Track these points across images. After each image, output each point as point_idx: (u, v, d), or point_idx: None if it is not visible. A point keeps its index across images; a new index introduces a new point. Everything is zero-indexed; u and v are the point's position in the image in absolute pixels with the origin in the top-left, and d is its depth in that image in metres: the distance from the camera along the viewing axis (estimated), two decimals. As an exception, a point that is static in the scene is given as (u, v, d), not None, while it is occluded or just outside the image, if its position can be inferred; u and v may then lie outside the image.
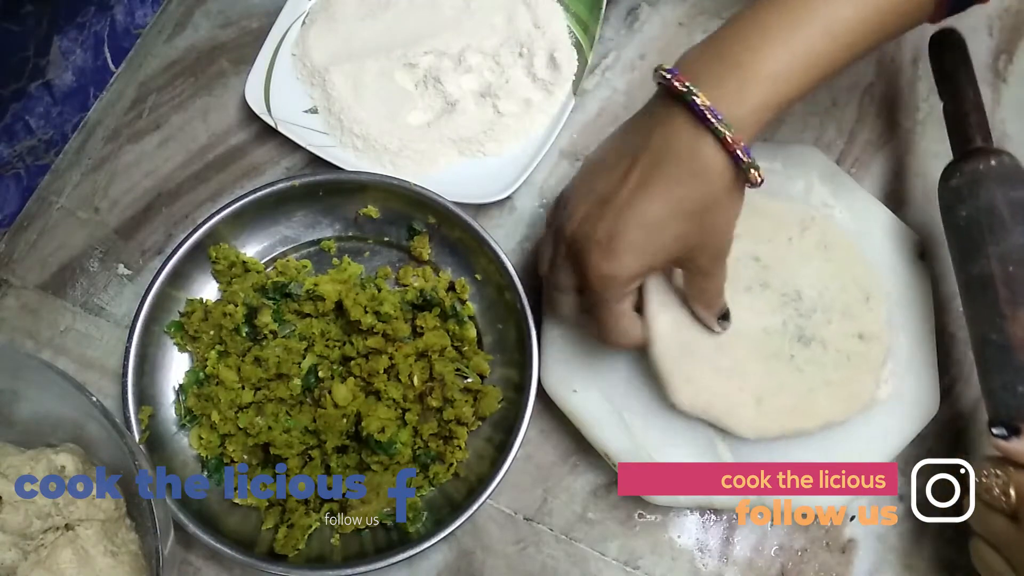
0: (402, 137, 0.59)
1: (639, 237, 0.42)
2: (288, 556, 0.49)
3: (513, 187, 0.57)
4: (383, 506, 0.51)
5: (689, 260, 0.44)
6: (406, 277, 0.57)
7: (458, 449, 0.52)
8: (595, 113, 0.62)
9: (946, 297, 0.56)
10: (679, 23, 0.65)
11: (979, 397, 0.54)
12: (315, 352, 0.54)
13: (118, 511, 0.47)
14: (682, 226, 0.42)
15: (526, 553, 0.53)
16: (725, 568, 0.52)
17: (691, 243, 0.43)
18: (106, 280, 0.59)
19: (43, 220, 0.61)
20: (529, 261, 0.58)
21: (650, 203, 0.42)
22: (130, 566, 0.45)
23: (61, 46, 0.59)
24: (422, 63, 0.61)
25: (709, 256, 0.45)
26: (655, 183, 0.41)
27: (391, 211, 0.56)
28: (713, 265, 0.45)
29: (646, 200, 0.42)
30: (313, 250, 0.58)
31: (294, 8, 0.63)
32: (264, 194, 0.54)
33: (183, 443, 0.53)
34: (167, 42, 0.66)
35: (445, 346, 0.54)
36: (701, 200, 0.41)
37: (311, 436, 0.52)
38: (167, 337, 0.54)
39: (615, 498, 0.53)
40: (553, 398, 0.52)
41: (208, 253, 0.55)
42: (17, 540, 0.45)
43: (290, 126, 0.59)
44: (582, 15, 0.62)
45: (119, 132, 0.63)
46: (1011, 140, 0.60)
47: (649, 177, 0.42)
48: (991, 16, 0.65)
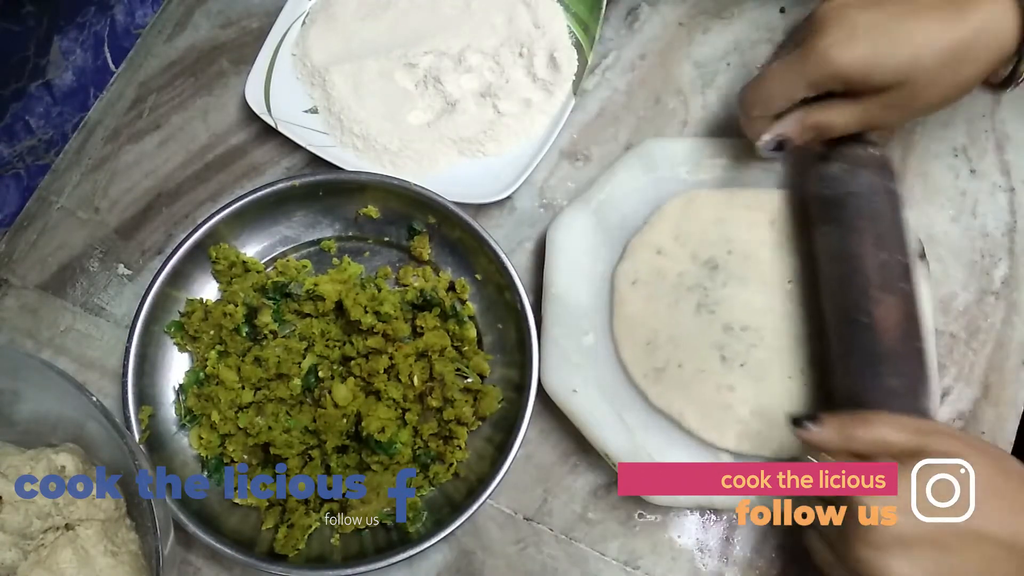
0: (402, 137, 0.59)
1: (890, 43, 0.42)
2: (288, 556, 0.49)
3: (513, 187, 0.57)
4: (383, 506, 0.51)
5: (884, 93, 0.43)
6: (406, 277, 0.57)
7: (458, 449, 0.52)
8: (595, 113, 0.62)
9: (946, 297, 0.56)
10: (679, 23, 0.65)
11: (979, 397, 0.54)
12: (315, 352, 0.54)
13: (118, 511, 0.47)
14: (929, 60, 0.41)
15: (526, 553, 0.53)
16: (725, 568, 0.52)
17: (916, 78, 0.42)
18: (106, 280, 0.59)
19: (43, 220, 0.61)
20: (529, 261, 0.58)
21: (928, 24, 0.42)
22: (130, 566, 0.45)
23: (61, 46, 0.59)
24: (422, 63, 0.61)
25: (903, 103, 0.43)
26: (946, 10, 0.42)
27: (391, 211, 0.56)
28: (890, 112, 0.44)
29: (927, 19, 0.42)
30: (313, 250, 0.58)
31: (294, 8, 0.63)
32: (264, 194, 0.54)
33: (183, 443, 0.53)
34: (167, 42, 0.66)
35: (445, 346, 0.54)
36: (967, 50, 0.41)
37: (311, 436, 0.52)
38: (167, 337, 0.54)
39: (615, 498, 0.53)
40: (553, 398, 0.52)
41: (208, 253, 0.55)
42: (17, 540, 0.45)
43: (290, 126, 0.59)
44: (582, 15, 0.62)
45: (119, 132, 0.63)
46: (1011, 140, 0.60)
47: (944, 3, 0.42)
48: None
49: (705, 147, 0.57)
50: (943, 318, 0.55)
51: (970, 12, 0.41)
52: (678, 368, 0.51)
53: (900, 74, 0.42)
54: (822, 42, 0.43)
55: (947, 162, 0.60)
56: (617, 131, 0.62)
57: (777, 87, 0.47)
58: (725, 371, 0.51)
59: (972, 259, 0.57)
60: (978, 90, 0.58)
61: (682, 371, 0.51)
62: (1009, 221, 0.58)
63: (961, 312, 0.56)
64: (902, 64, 0.42)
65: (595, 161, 0.61)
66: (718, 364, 0.51)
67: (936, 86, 0.43)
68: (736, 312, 0.52)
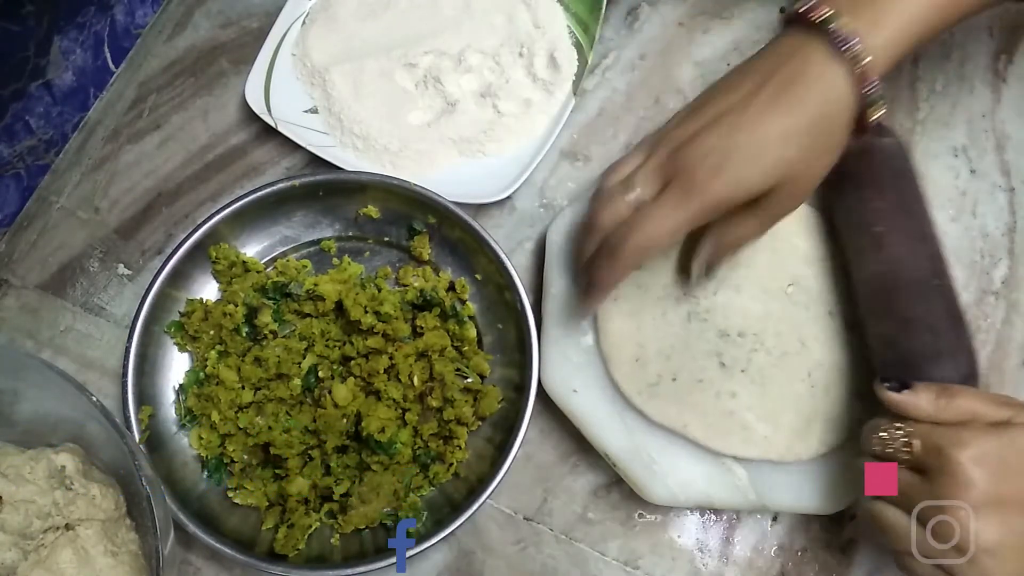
0: (402, 137, 0.59)
1: (749, 158, 0.41)
2: (288, 556, 0.49)
3: (513, 187, 0.57)
4: (383, 506, 0.51)
5: (771, 193, 0.43)
6: (406, 277, 0.57)
7: (458, 449, 0.52)
8: (595, 113, 0.62)
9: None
10: (679, 23, 0.65)
11: (979, 397, 0.54)
12: (315, 352, 0.54)
13: (118, 511, 0.47)
14: (793, 152, 0.41)
15: (526, 553, 0.53)
16: (725, 568, 0.52)
17: (791, 172, 0.42)
18: (106, 280, 0.59)
19: (43, 220, 0.61)
20: (529, 261, 0.58)
21: (774, 122, 0.41)
22: (130, 566, 0.45)
23: (61, 46, 0.59)
24: (422, 63, 0.61)
25: (792, 194, 0.43)
26: (782, 104, 0.41)
27: (391, 211, 0.56)
28: (786, 205, 0.44)
29: (771, 118, 0.41)
30: (313, 250, 0.58)
31: (294, 8, 0.63)
32: (264, 194, 0.54)
33: (183, 443, 0.53)
34: (167, 42, 0.66)
35: (445, 346, 0.54)
36: (819, 127, 0.41)
37: (311, 436, 0.52)
38: (167, 337, 0.54)
39: (615, 498, 0.53)
40: (553, 398, 0.52)
41: (208, 253, 0.55)
42: (17, 540, 0.45)
43: (290, 126, 0.59)
44: (582, 15, 0.62)
45: (119, 132, 0.63)
46: (1011, 140, 0.60)
47: (777, 98, 0.42)
48: (991, 16, 0.65)
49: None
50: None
51: (805, 94, 0.41)
52: (672, 382, 0.50)
53: (773, 177, 0.42)
54: (690, 182, 0.42)
55: (947, 162, 0.60)
56: (617, 131, 0.62)
57: (661, 234, 0.43)
58: (725, 377, 0.50)
59: (972, 259, 0.57)
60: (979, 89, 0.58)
61: (677, 384, 0.50)
62: (1009, 221, 0.58)
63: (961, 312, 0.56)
64: (770, 169, 0.42)
65: (595, 161, 0.61)
66: (717, 371, 0.50)
67: (810, 165, 0.43)
68: (732, 319, 0.51)
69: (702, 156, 0.42)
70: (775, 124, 0.41)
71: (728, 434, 0.49)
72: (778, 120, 0.41)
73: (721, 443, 0.49)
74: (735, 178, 0.41)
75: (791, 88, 0.42)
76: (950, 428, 0.40)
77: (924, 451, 0.40)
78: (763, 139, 0.41)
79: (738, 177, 0.41)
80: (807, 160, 0.42)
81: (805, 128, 0.41)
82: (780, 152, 0.41)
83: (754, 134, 0.41)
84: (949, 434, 0.39)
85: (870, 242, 0.49)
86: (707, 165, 0.42)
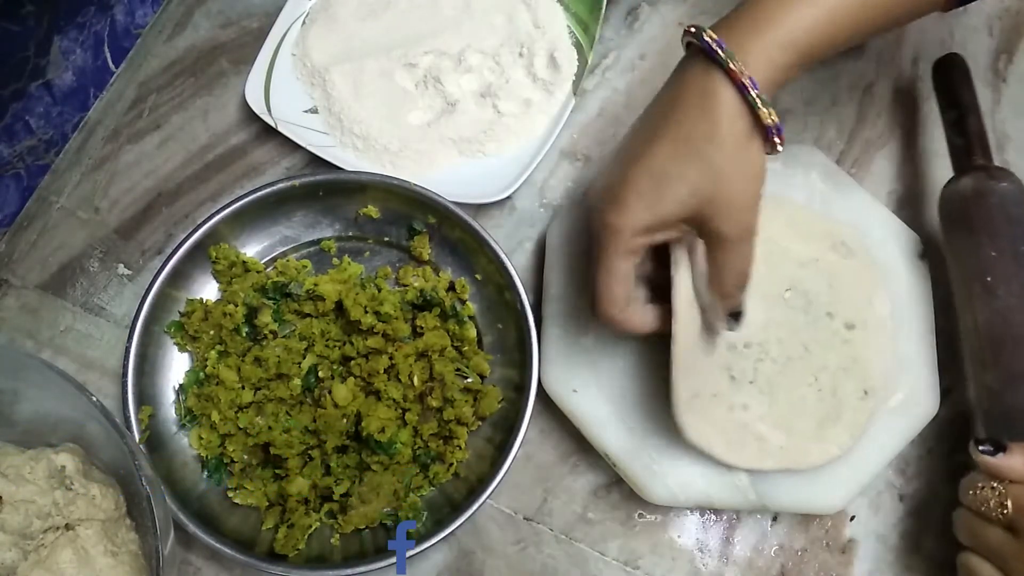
0: (402, 137, 0.59)
1: (646, 183, 0.41)
2: (288, 556, 0.49)
3: (513, 187, 0.57)
4: (383, 506, 0.51)
5: (707, 220, 0.41)
6: (406, 277, 0.57)
7: (458, 449, 0.52)
8: (595, 113, 0.62)
9: (946, 297, 0.56)
10: (679, 23, 0.65)
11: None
12: (315, 352, 0.54)
13: (118, 511, 0.47)
14: (690, 169, 0.40)
15: (526, 553, 0.53)
16: (725, 568, 0.52)
17: (704, 193, 0.41)
18: (106, 280, 0.59)
19: (43, 220, 0.61)
20: (529, 261, 0.58)
21: (659, 147, 0.41)
22: (130, 566, 0.45)
23: (61, 46, 0.59)
24: (422, 63, 0.61)
25: (728, 218, 0.41)
26: (665, 128, 0.41)
27: (391, 211, 0.56)
28: (734, 232, 0.42)
29: (656, 145, 0.41)
30: (313, 250, 0.58)
31: (294, 8, 0.63)
32: (264, 194, 0.54)
33: (183, 443, 0.53)
34: (167, 42, 0.66)
35: (445, 346, 0.54)
36: (709, 138, 0.40)
37: (311, 436, 0.52)
38: (167, 337, 0.54)
39: (615, 498, 0.53)
40: (553, 398, 0.52)
41: (208, 253, 0.55)
42: (17, 540, 0.45)
43: (290, 126, 0.59)
44: (582, 15, 0.62)
45: (119, 132, 0.63)
46: (1011, 140, 0.60)
47: (660, 124, 0.41)
48: (991, 16, 0.65)
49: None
50: (943, 318, 0.55)
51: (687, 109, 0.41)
52: (694, 399, 0.48)
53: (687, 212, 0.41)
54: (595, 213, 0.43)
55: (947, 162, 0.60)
56: (617, 131, 0.62)
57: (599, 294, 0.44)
58: (736, 390, 0.49)
59: (972, 259, 0.57)
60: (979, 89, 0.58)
61: (699, 400, 0.49)
62: (1009, 221, 0.58)
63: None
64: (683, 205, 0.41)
65: (595, 161, 0.61)
66: (728, 384, 0.49)
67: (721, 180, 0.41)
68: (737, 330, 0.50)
69: (599, 198, 0.43)
70: (663, 150, 0.41)
71: (744, 447, 0.48)
72: (665, 147, 0.41)
73: (738, 457, 0.48)
74: (630, 210, 0.41)
75: (675, 110, 0.41)
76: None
77: (1016, 511, 0.40)
78: (654, 167, 0.41)
79: (634, 209, 0.41)
80: (715, 177, 0.40)
81: (693, 144, 0.40)
82: (677, 175, 0.41)
83: (648, 162, 0.41)
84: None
85: (981, 290, 0.48)
86: (604, 204, 0.42)
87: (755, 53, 0.40)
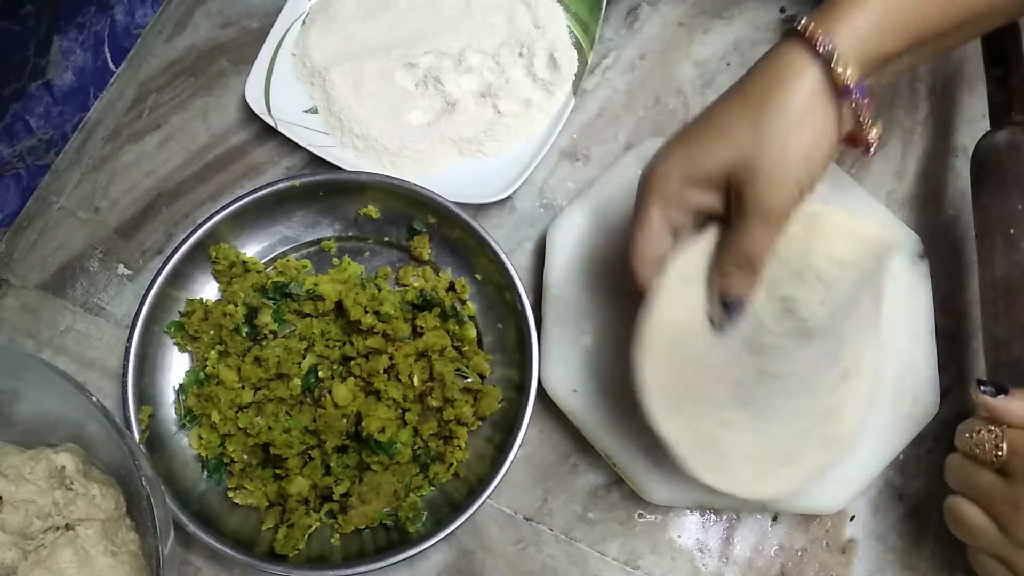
0: (402, 137, 0.59)
1: (692, 135, 0.41)
2: (288, 556, 0.49)
3: (513, 187, 0.57)
4: (383, 506, 0.51)
5: (739, 186, 0.39)
6: (406, 277, 0.57)
7: (458, 449, 0.52)
8: (595, 113, 0.62)
9: (946, 297, 0.56)
10: (679, 23, 0.65)
11: (979, 397, 0.54)
12: (315, 352, 0.54)
13: (118, 511, 0.47)
14: (739, 125, 0.39)
15: (526, 553, 0.53)
16: (725, 568, 0.52)
17: (744, 153, 0.38)
18: (106, 280, 0.59)
19: (43, 220, 0.61)
20: (529, 261, 0.58)
21: (717, 105, 0.41)
22: (130, 566, 0.45)
23: (61, 46, 0.59)
24: (422, 63, 0.61)
25: (759, 189, 0.38)
26: (729, 92, 0.41)
27: (391, 211, 0.56)
28: (757, 207, 0.39)
29: (714, 106, 0.41)
30: (313, 250, 0.58)
31: (294, 8, 0.63)
32: (264, 194, 0.54)
33: (183, 443, 0.53)
34: (167, 42, 0.66)
35: (445, 346, 0.54)
36: (769, 96, 0.38)
37: (311, 436, 0.52)
38: (167, 337, 0.54)
39: (615, 498, 0.53)
40: (553, 398, 0.52)
41: (208, 253, 0.55)
42: (17, 540, 0.45)
43: (290, 126, 0.59)
44: (582, 15, 0.62)
45: (119, 132, 0.63)
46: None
47: (727, 92, 0.41)
48: (991, 16, 0.65)
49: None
50: (943, 318, 0.55)
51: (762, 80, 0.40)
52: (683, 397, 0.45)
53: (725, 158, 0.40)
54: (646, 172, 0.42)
55: (947, 162, 0.60)
56: (617, 131, 0.62)
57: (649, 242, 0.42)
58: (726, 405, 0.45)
59: (972, 259, 0.57)
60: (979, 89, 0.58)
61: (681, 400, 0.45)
62: (1009, 221, 0.58)
63: (961, 312, 0.56)
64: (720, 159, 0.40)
65: (595, 161, 0.61)
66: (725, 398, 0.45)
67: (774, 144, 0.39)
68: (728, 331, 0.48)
69: (656, 154, 0.42)
70: (716, 105, 0.41)
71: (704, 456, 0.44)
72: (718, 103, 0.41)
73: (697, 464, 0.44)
74: (668, 158, 0.41)
75: (748, 76, 0.41)
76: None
77: (1010, 455, 0.40)
78: (701, 117, 0.41)
79: (671, 158, 0.41)
80: (758, 132, 0.38)
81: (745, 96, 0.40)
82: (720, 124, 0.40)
83: (698, 117, 0.41)
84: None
85: (1002, 242, 0.48)
86: (656, 158, 0.42)
87: (839, 22, 0.38)
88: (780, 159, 0.38)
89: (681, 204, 0.42)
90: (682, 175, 0.41)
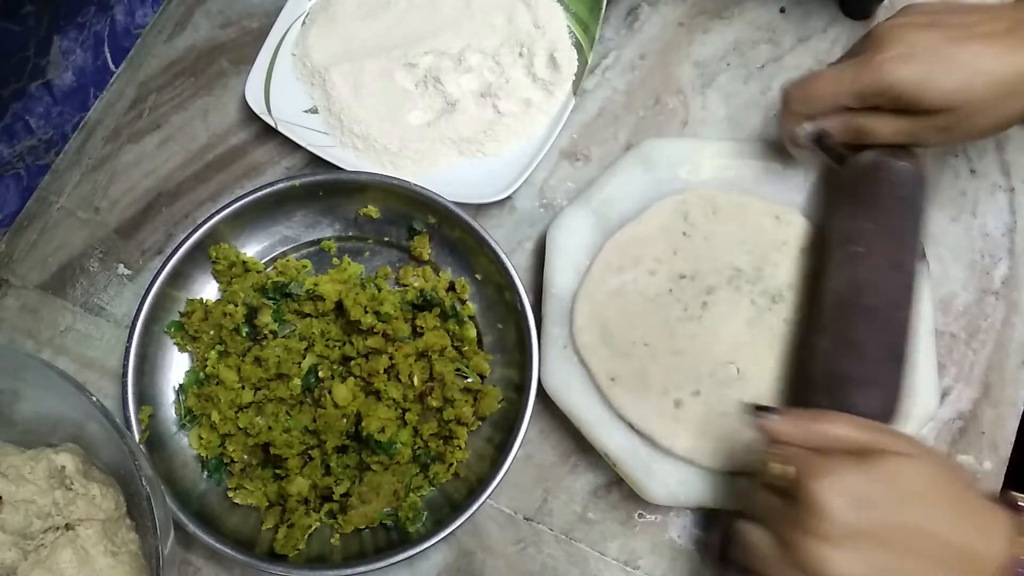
0: (402, 137, 0.59)
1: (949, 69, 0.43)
2: (288, 556, 0.49)
3: (513, 187, 0.57)
4: (383, 506, 0.51)
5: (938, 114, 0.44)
6: (406, 277, 0.57)
7: (458, 449, 0.52)
8: (595, 113, 0.62)
9: (946, 297, 0.56)
10: (679, 23, 0.65)
11: (979, 397, 0.54)
12: (315, 352, 0.54)
13: (118, 511, 0.47)
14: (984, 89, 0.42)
15: (526, 553, 0.53)
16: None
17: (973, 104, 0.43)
18: (106, 280, 0.59)
19: (43, 220, 0.61)
20: (529, 261, 0.58)
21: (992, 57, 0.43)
22: (130, 566, 0.45)
23: (61, 46, 0.59)
24: (422, 63, 0.61)
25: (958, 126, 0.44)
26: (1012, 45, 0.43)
27: (391, 211, 0.56)
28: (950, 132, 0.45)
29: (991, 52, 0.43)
30: (313, 250, 0.58)
31: (294, 8, 0.63)
32: (264, 194, 0.54)
33: (183, 443, 0.53)
34: (167, 42, 0.66)
35: (445, 346, 0.54)
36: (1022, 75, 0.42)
37: (311, 436, 0.52)
38: (167, 337, 0.54)
39: (615, 498, 0.53)
40: (553, 398, 0.52)
41: (208, 253, 0.55)
42: (17, 540, 0.45)
43: (290, 126, 0.59)
44: (582, 15, 0.62)
45: (119, 132, 0.63)
46: (1011, 140, 0.60)
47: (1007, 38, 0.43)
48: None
49: (705, 147, 0.57)
50: (943, 318, 0.55)
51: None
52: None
53: (950, 100, 0.43)
54: (878, 56, 0.44)
55: (947, 162, 0.60)
56: (617, 131, 0.62)
57: (825, 88, 0.47)
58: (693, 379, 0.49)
59: (972, 259, 0.57)
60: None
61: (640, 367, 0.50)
62: (1009, 221, 0.58)
63: (961, 312, 0.56)
64: (954, 90, 0.43)
65: (595, 161, 0.61)
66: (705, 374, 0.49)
67: (983, 116, 0.44)
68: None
69: (898, 42, 0.44)
70: (983, 54, 0.42)
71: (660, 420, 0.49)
72: (989, 52, 0.42)
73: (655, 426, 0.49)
74: (911, 74, 0.43)
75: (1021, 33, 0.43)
76: (812, 455, 0.39)
77: (792, 477, 0.39)
78: (963, 60, 0.42)
79: (916, 76, 0.43)
80: (988, 105, 0.43)
81: (1008, 75, 0.42)
82: (970, 81, 0.42)
83: (960, 49, 0.42)
84: (809, 461, 0.38)
85: (845, 259, 0.48)
86: (897, 52, 0.43)
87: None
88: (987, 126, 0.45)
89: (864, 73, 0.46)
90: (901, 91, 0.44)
